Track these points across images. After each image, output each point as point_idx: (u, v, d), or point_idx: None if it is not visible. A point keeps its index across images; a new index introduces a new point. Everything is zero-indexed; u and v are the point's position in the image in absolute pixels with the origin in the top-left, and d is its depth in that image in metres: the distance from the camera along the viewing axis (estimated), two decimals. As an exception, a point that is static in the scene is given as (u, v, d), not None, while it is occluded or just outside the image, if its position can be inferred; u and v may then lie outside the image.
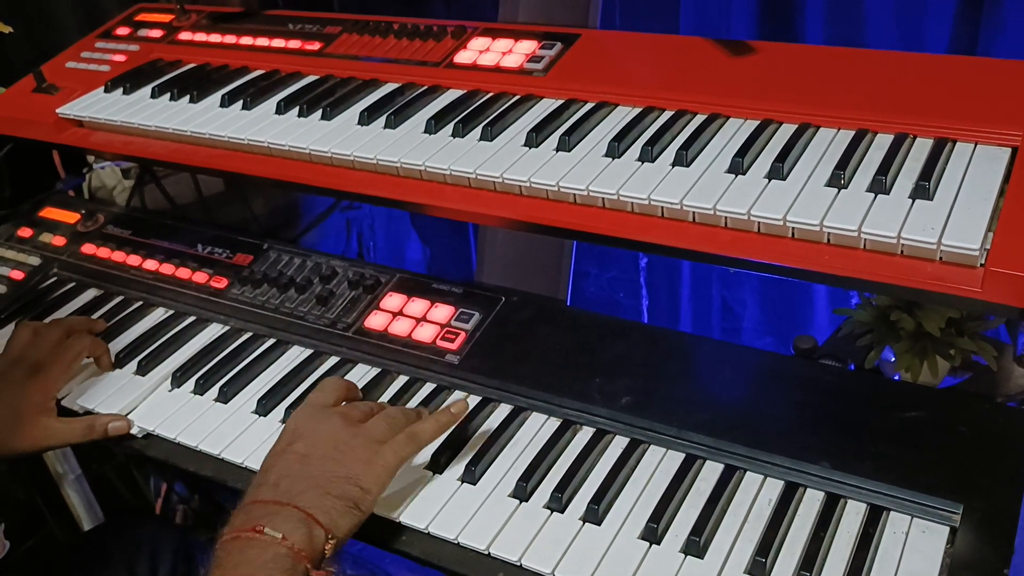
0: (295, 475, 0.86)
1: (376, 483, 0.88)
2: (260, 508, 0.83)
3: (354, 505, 0.86)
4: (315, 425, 0.91)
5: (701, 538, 0.86)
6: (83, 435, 1.11)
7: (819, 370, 1.05)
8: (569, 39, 1.21)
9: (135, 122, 1.27)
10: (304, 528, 0.81)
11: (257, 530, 0.79)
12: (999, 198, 0.85)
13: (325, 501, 0.84)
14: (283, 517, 0.82)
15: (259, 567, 0.78)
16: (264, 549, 0.79)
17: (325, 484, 0.85)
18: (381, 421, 0.93)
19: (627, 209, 0.95)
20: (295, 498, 0.83)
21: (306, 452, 0.88)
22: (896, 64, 1.04)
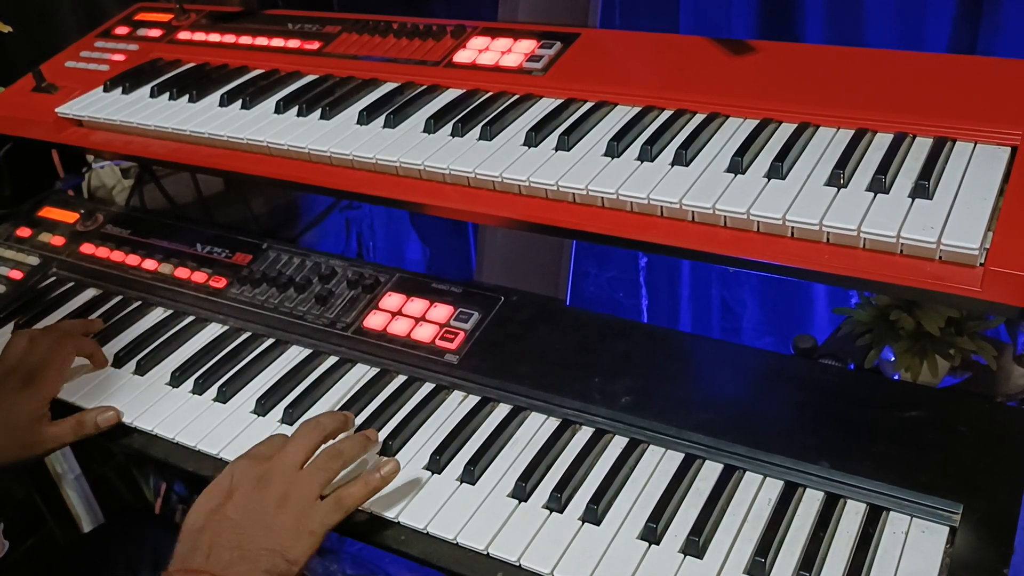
0: (225, 544, 0.87)
1: (303, 554, 0.89)
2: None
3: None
4: (249, 488, 0.91)
5: (700, 538, 0.86)
6: (74, 433, 1.11)
7: (819, 370, 1.05)
8: (568, 38, 1.21)
9: (134, 121, 1.27)
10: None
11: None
12: (999, 197, 0.85)
13: (250, 570, 0.86)
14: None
15: None
16: None
17: (254, 558, 0.86)
18: (314, 476, 0.92)
19: (626, 208, 0.95)
20: (226, 570, 0.85)
21: (237, 519, 0.89)
22: (896, 63, 1.04)
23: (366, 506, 0.95)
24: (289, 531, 0.89)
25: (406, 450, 1.02)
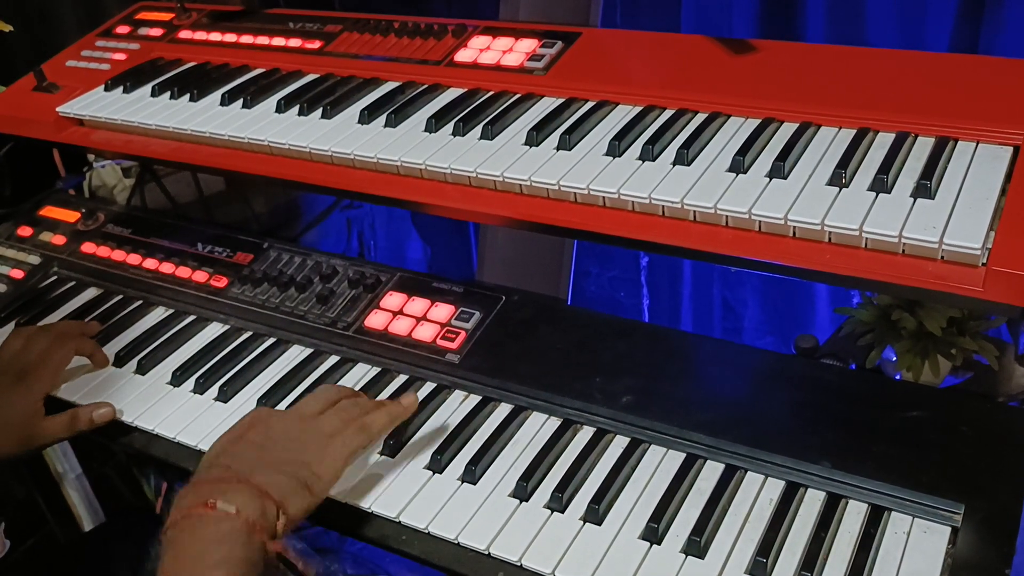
0: (247, 458, 0.86)
1: (328, 471, 0.88)
2: (210, 486, 0.81)
3: (306, 486, 0.86)
4: (270, 419, 0.92)
5: (702, 538, 0.86)
6: (68, 428, 1.11)
7: (820, 369, 1.05)
8: (570, 38, 1.21)
9: (135, 121, 1.27)
10: (257, 503, 0.80)
11: (209, 505, 0.78)
12: (1001, 197, 0.84)
13: (278, 478, 0.84)
14: (234, 492, 0.81)
15: (214, 543, 0.76)
16: (217, 525, 0.77)
17: (277, 465, 0.85)
18: (334, 416, 0.94)
19: (628, 208, 0.95)
20: (247, 476, 0.83)
21: (260, 442, 0.88)
22: (897, 63, 1.04)
23: (367, 505, 0.95)
24: (314, 447, 0.88)
25: (407, 450, 1.02)
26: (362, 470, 0.99)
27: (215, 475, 0.83)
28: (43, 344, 1.17)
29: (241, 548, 0.77)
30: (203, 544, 0.76)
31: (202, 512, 0.78)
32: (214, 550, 0.76)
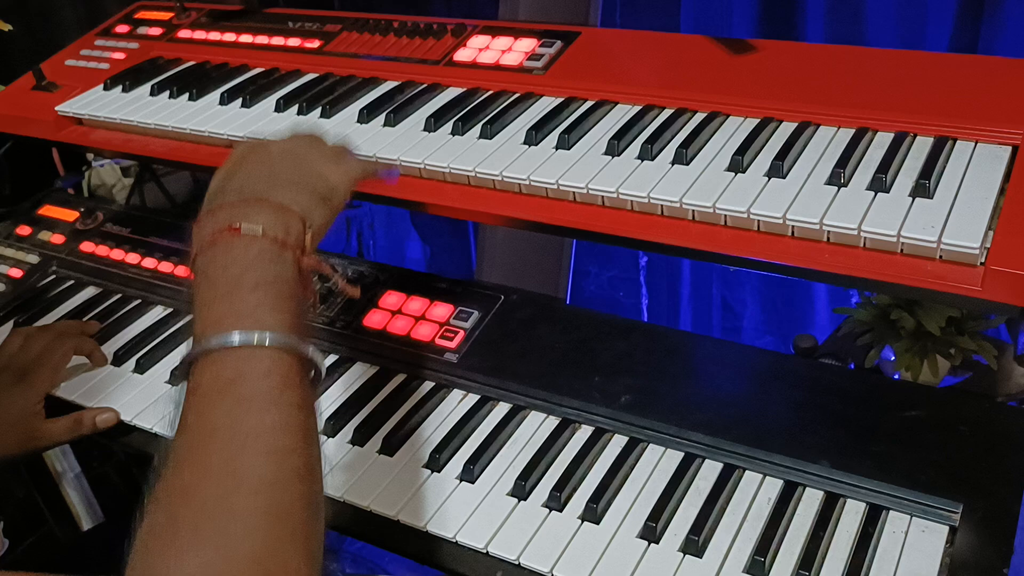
0: (258, 178, 0.79)
1: (342, 180, 0.84)
2: (229, 210, 0.75)
3: (324, 198, 0.81)
4: (267, 144, 0.85)
5: (700, 537, 0.86)
6: (71, 432, 1.11)
7: (819, 369, 1.05)
8: (569, 37, 1.21)
9: (134, 120, 1.27)
10: (281, 219, 0.75)
11: (234, 229, 0.72)
12: (999, 196, 0.84)
13: (295, 194, 0.78)
14: (256, 212, 0.74)
15: (247, 267, 0.71)
16: (247, 248, 0.72)
17: (291, 182, 0.79)
18: (335, 143, 0.89)
19: (627, 207, 0.95)
20: (264, 195, 0.77)
21: (266, 165, 0.81)
22: (896, 62, 1.04)
23: (367, 505, 0.95)
24: (323, 161, 0.83)
25: (405, 449, 1.02)
26: (360, 468, 0.99)
27: (231, 200, 0.76)
28: (42, 343, 1.17)
29: (275, 267, 0.72)
30: (237, 268, 0.71)
31: (228, 236, 0.73)
32: (249, 273, 0.71)
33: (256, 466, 0.63)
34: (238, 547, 0.59)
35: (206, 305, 0.70)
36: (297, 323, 0.70)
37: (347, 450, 1.03)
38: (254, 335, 0.67)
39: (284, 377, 0.67)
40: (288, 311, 0.70)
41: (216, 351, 0.67)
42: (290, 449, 0.65)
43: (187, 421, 0.66)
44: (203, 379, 0.67)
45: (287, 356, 0.68)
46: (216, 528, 0.60)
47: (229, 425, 0.64)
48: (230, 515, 0.61)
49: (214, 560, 0.58)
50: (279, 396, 0.67)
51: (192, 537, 0.60)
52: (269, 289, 0.70)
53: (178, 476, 0.63)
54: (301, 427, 0.66)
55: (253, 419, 0.65)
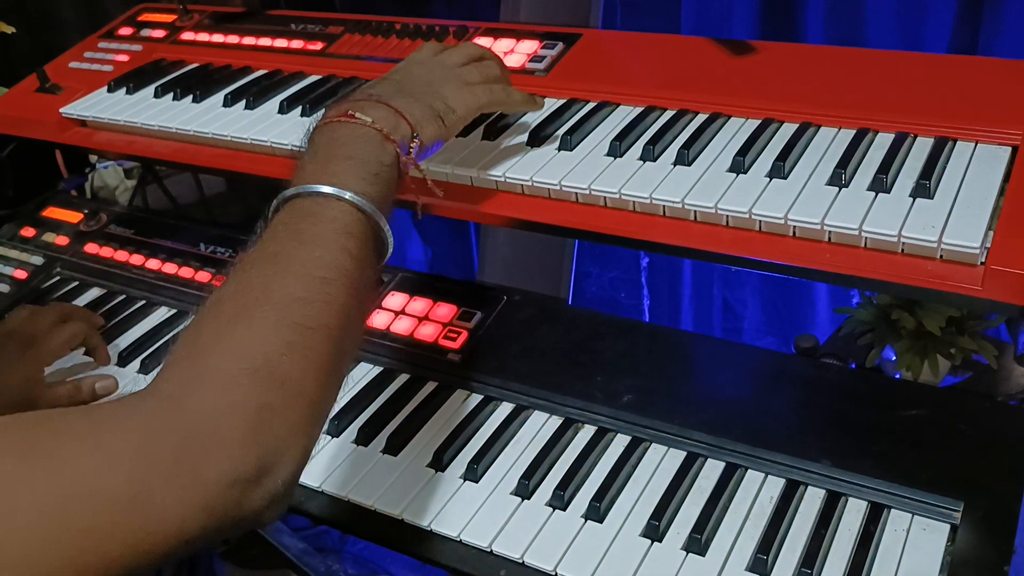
0: (388, 89, 0.89)
1: (462, 105, 0.92)
2: (350, 103, 0.85)
3: (439, 116, 0.89)
4: (412, 66, 0.96)
5: (703, 536, 0.87)
6: (69, 399, 1.14)
7: (820, 369, 1.06)
8: (571, 39, 1.22)
9: (138, 122, 1.27)
10: (392, 119, 0.84)
11: (348, 115, 0.82)
12: (999, 197, 0.85)
13: (414, 105, 0.87)
14: (372, 108, 0.84)
15: (347, 140, 0.80)
16: (353, 129, 0.82)
17: (415, 95, 0.89)
18: (475, 70, 0.97)
19: (629, 208, 0.95)
20: (387, 99, 0.86)
21: (401, 80, 0.92)
22: (897, 64, 1.04)
23: (371, 504, 0.95)
24: (451, 87, 0.92)
25: (409, 448, 1.02)
26: (364, 468, 1.00)
27: (357, 96, 0.87)
28: (50, 320, 1.19)
29: (372, 147, 0.81)
30: (339, 143, 0.80)
31: (342, 119, 0.82)
32: (348, 147, 0.80)
33: (287, 284, 0.69)
34: (251, 348, 0.65)
35: (303, 166, 0.79)
36: (378, 197, 0.77)
37: (351, 450, 1.03)
38: (329, 187, 0.75)
39: (346, 227, 0.74)
40: (372, 184, 0.78)
41: (293, 196, 0.76)
42: (326, 280, 0.70)
43: (248, 250, 0.73)
44: (276, 219, 0.75)
45: (356, 213, 0.75)
46: (233, 332, 0.66)
47: (278, 252, 0.72)
48: (249, 320, 0.66)
49: (226, 359, 0.64)
50: (334, 239, 0.73)
51: (211, 339, 0.66)
52: (360, 163, 0.79)
53: (220, 289, 0.70)
54: (346, 270, 0.72)
55: (303, 251, 0.72)
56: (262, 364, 0.64)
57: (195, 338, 0.66)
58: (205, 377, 0.63)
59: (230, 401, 0.62)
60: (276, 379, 0.64)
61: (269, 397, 0.63)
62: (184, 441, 0.60)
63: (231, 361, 0.64)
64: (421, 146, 0.86)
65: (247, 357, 0.64)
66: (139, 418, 0.61)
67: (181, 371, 0.64)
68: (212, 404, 0.62)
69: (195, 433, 0.60)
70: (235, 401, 0.62)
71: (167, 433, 0.60)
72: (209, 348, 0.65)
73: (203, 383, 0.63)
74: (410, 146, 0.85)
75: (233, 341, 0.65)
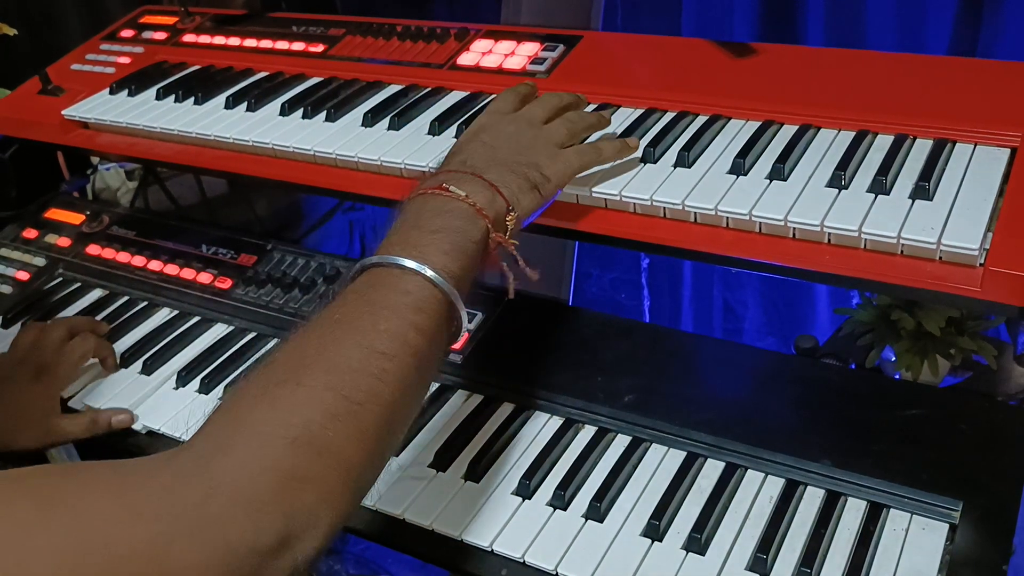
0: (481, 157, 0.86)
1: (557, 175, 0.89)
2: (445, 175, 0.83)
3: (535, 187, 0.86)
4: (499, 124, 0.91)
5: (703, 535, 0.87)
6: (87, 430, 1.13)
7: (820, 369, 1.06)
8: (571, 41, 1.22)
9: (140, 124, 1.28)
10: (487, 193, 0.81)
11: (443, 187, 0.80)
12: (998, 198, 0.85)
13: (509, 178, 0.84)
14: (467, 182, 0.82)
15: (439, 213, 0.78)
16: (447, 202, 0.79)
17: (510, 165, 0.85)
18: (562, 125, 0.93)
19: (629, 210, 0.96)
20: (481, 172, 0.83)
21: (492, 143, 0.88)
22: (896, 66, 1.05)
23: (372, 504, 0.96)
24: (544, 153, 0.89)
25: (411, 449, 1.03)
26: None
27: (452, 168, 0.85)
28: (57, 339, 1.18)
29: (463, 222, 0.78)
30: (430, 213, 0.79)
31: (435, 191, 0.80)
32: (439, 218, 0.78)
33: (342, 352, 0.67)
34: (293, 413, 0.63)
35: (390, 236, 0.77)
36: (459, 274, 0.76)
37: (353, 450, 1.03)
38: (409, 260, 0.73)
39: (419, 302, 0.72)
40: (456, 261, 0.76)
41: (373, 265, 0.74)
42: (386, 355, 0.68)
43: (315, 313, 0.72)
44: (351, 286, 0.73)
45: (433, 290, 0.73)
46: (279, 394, 0.64)
47: (342, 319, 0.70)
48: (295, 384, 0.65)
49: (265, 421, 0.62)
50: (404, 313, 0.71)
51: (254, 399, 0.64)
52: (448, 237, 0.76)
53: (273, 352, 0.69)
54: (411, 347, 0.70)
55: (367, 321, 0.70)
56: (301, 432, 0.62)
57: (239, 397, 0.65)
58: (239, 438, 0.62)
59: (260, 466, 0.60)
60: (314, 448, 0.62)
61: (303, 466, 0.61)
62: (208, 500, 0.58)
63: (269, 425, 0.62)
64: (517, 220, 0.83)
65: (285, 423, 0.62)
66: (167, 474, 0.60)
67: (217, 430, 0.63)
68: (242, 466, 0.60)
69: (220, 493, 0.59)
70: (266, 466, 0.60)
71: (192, 490, 0.59)
72: (249, 408, 0.64)
73: (236, 444, 0.61)
74: (506, 220, 0.82)
75: (274, 404, 0.64)
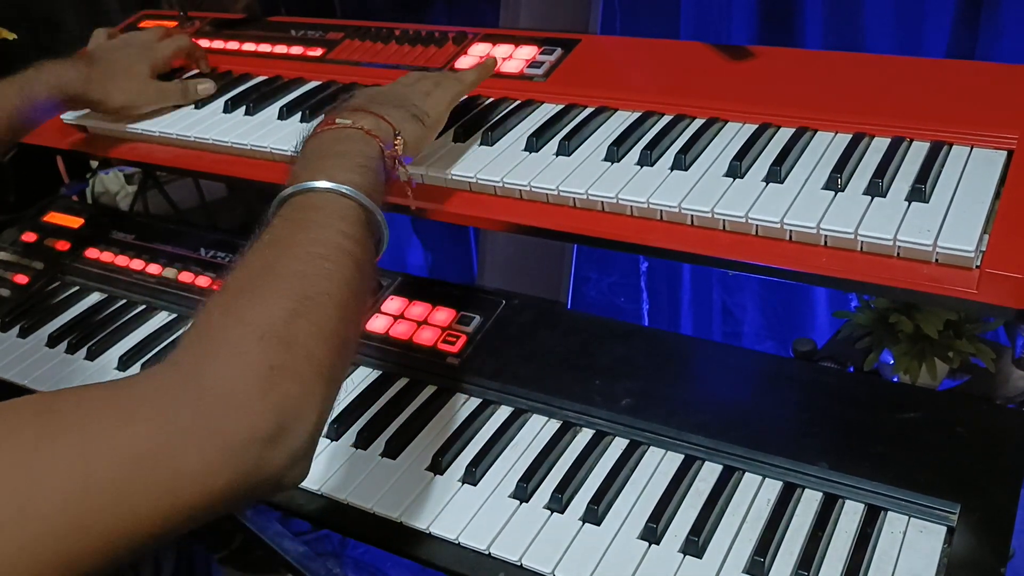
0: (363, 99, 0.95)
1: (435, 109, 1.00)
2: (333, 114, 0.90)
3: (417, 119, 0.96)
4: (374, 88, 1.03)
5: (700, 538, 0.87)
6: (179, 97, 1.31)
7: (818, 372, 1.06)
8: (569, 44, 1.22)
9: (139, 128, 1.28)
10: (373, 120, 0.90)
11: (332, 121, 0.88)
12: (995, 200, 0.85)
13: (390, 110, 0.93)
14: (354, 115, 0.89)
15: (335, 140, 0.86)
16: (339, 131, 0.87)
17: (391, 102, 0.95)
18: (428, 79, 1.05)
19: (626, 213, 0.96)
20: (363, 107, 0.92)
21: (372, 94, 0.98)
22: (893, 68, 1.05)
23: (370, 507, 0.96)
24: (419, 94, 1.00)
25: (408, 451, 1.03)
26: (363, 471, 1.00)
27: (338, 109, 0.92)
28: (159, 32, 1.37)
29: (358, 145, 0.86)
30: (327, 143, 0.86)
31: (325, 127, 0.88)
32: (336, 145, 0.85)
33: (287, 262, 0.73)
34: (257, 316, 0.68)
35: (295, 172, 0.83)
36: (367, 186, 0.81)
37: (350, 453, 1.04)
38: (319, 182, 0.79)
39: (339, 212, 0.78)
40: (360, 175, 0.82)
41: (289, 196, 0.80)
42: (324, 256, 0.74)
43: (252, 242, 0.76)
44: (278, 215, 0.79)
45: (347, 200, 0.79)
46: (240, 305, 0.70)
47: (278, 238, 0.76)
48: (252, 292, 0.71)
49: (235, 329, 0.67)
50: (329, 222, 0.77)
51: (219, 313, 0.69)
52: (347, 157, 0.83)
53: (223, 281, 0.73)
54: (344, 248, 0.76)
55: (300, 235, 0.76)
56: (267, 329, 0.67)
57: (205, 316, 0.70)
58: (215, 347, 0.67)
59: (240, 364, 0.65)
60: (283, 342, 0.67)
61: (277, 358, 0.66)
62: (201, 404, 0.62)
63: (238, 329, 0.67)
64: (405, 144, 0.92)
65: (253, 324, 0.67)
66: (156, 386, 0.64)
67: (193, 344, 0.67)
68: (224, 369, 0.65)
69: (211, 396, 0.63)
70: (245, 364, 0.65)
71: (184, 398, 0.63)
72: (218, 320, 0.69)
73: (214, 352, 0.66)
74: (395, 143, 0.90)
75: (239, 312, 0.69)
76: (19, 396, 0.62)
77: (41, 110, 1.22)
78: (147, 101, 1.28)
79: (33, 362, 1.28)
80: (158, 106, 1.29)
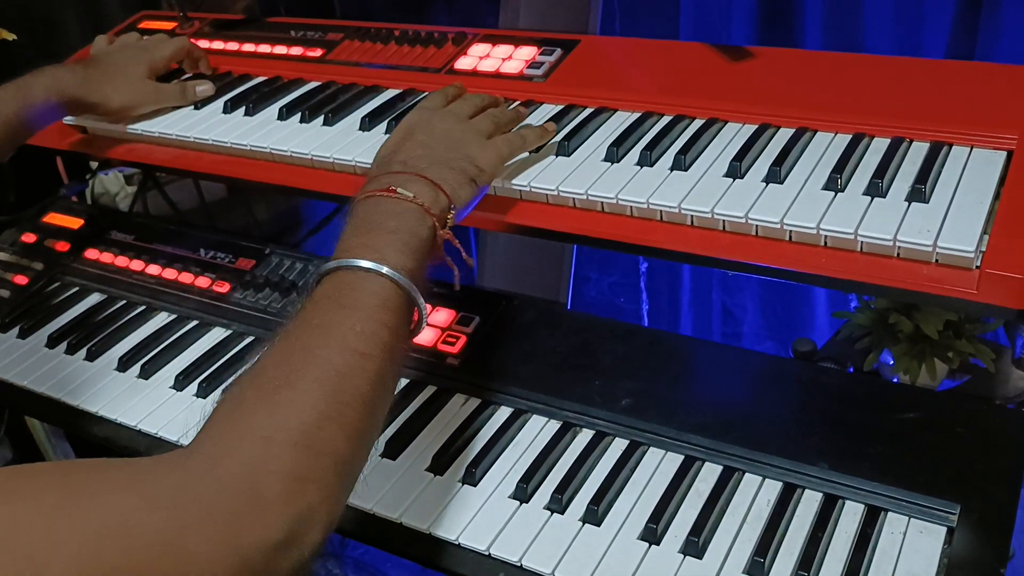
0: (421, 157, 0.92)
1: (489, 165, 0.97)
2: (391, 178, 0.89)
3: (471, 180, 0.93)
4: (431, 121, 0.98)
5: (700, 538, 0.87)
6: (178, 98, 1.30)
7: (818, 372, 1.06)
8: (569, 45, 1.22)
9: (138, 129, 1.28)
10: (432, 192, 0.88)
11: (391, 191, 0.87)
12: (994, 201, 0.85)
13: (448, 174, 0.91)
14: (412, 183, 0.88)
15: (392, 215, 0.85)
16: (396, 204, 0.86)
17: (448, 162, 0.93)
18: (487, 119, 1.01)
19: (626, 213, 0.96)
20: (423, 171, 0.90)
21: (427, 142, 0.95)
22: (893, 69, 1.05)
23: (370, 507, 0.96)
24: (475, 145, 0.97)
25: (409, 452, 1.03)
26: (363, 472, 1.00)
27: (395, 170, 0.91)
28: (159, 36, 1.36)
29: (414, 222, 0.85)
30: (382, 215, 0.85)
31: (384, 194, 0.87)
32: (391, 219, 0.84)
33: (329, 356, 0.73)
34: (291, 418, 0.68)
35: (347, 239, 0.83)
36: (416, 272, 0.82)
37: (350, 454, 1.03)
38: (372, 263, 0.79)
39: (384, 301, 0.78)
40: (412, 259, 0.82)
41: (336, 270, 0.80)
42: (365, 354, 0.74)
43: (290, 320, 0.77)
44: (318, 291, 0.79)
45: (395, 288, 0.79)
46: (276, 399, 0.69)
47: (320, 323, 0.75)
48: (290, 389, 0.70)
49: (267, 426, 0.67)
50: (373, 312, 0.77)
51: (253, 403, 0.69)
52: (402, 237, 0.83)
53: (261, 358, 0.73)
54: (383, 344, 0.76)
55: (344, 324, 0.75)
56: (300, 436, 0.67)
57: (238, 401, 0.69)
58: (245, 440, 0.66)
59: (267, 468, 0.65)
60: (313, 450, 0.67)
61: (305, 466, 0.66)
62: (219, 496, 0.62)
63: (271, 428, 0.67)
64: (456, 213, 0.91)
65: (286, 427, 0.67)
66: (178, 471, 0.64)
67: (222, 432, 0.67)
68: (251, 466, 0.64)
69: (231, 491, 0.63)
70: (272, 469, 0.65)
71: (204, 487, 0.63)
72: (251, 412, 0.68)
73: (243, 446, 0.66)
74: (448, 217, 0.89)
75: (272, 409, 0.68)
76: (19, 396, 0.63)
77: (40, 114, 1.22)
78: (145, 102, 1.28)
79: (33, 363, 1.27)
80: (156, 107, 1.29)
